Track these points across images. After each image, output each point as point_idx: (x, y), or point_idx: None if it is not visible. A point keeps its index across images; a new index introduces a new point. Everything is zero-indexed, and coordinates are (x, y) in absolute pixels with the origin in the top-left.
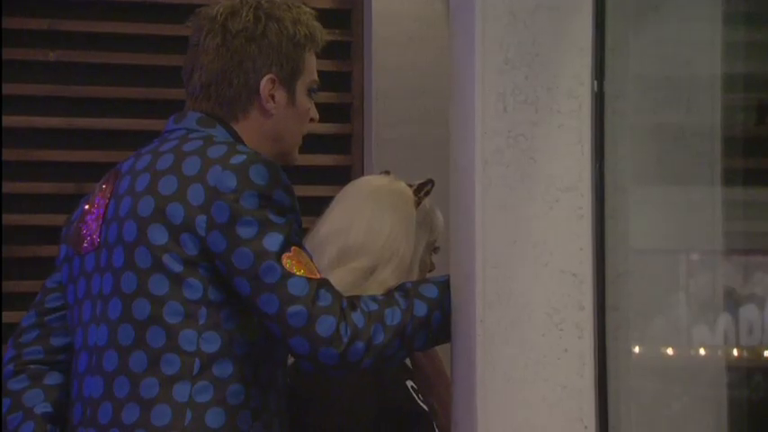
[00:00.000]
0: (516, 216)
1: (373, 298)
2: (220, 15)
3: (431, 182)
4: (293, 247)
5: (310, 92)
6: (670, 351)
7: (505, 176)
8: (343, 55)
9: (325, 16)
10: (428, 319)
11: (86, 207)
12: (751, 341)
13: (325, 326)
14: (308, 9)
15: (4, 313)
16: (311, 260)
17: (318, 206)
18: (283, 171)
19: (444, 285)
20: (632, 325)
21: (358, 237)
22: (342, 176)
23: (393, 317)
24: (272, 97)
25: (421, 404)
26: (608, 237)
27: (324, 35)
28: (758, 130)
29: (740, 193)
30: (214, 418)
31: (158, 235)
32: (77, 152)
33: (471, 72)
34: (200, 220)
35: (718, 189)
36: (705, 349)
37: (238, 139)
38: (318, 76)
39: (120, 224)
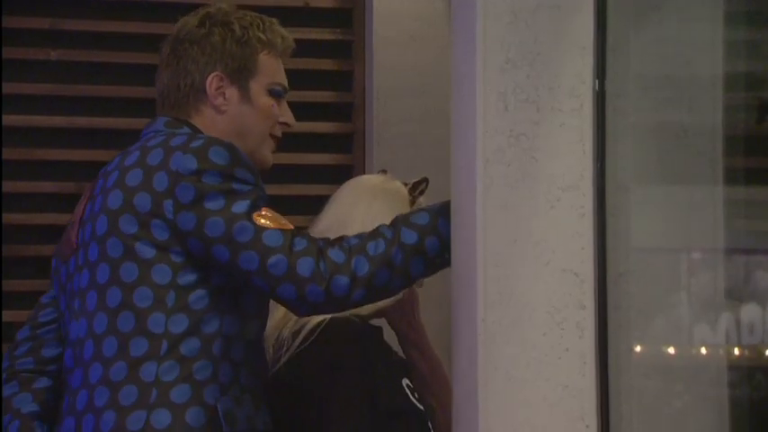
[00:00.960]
0: (517, 215)
1: (356, 235)
2: (176, 29)
3: (425, 180)
4: (263, 208)
5: (273, 93)
6: (671, 350)
7: (507, 175)
8: (345, 54)
9: (326, 15)
10: (420, 245)
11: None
12: (752, 340)
13: (305, 266)
14: (268, 18)
15: (4, 312)
16: (282, 217)
17: (319, 205)
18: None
19: (436, 211)
20: (634, 324)
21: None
22: (343, 175)
23: (377, 247)
24: (223, 95)
25: (416, 403)
26: (609, 236)
27: (289, 42)
28: (759, 130)
29: (741, 192)
30: (179, 393)
31: (128, 225)
32: (79, 151)
33: (472, 71)
34: (167, 204)
35: (720, 188)
36: (706, 348)
37: None
38: (320, 75)
39: (94, 221)
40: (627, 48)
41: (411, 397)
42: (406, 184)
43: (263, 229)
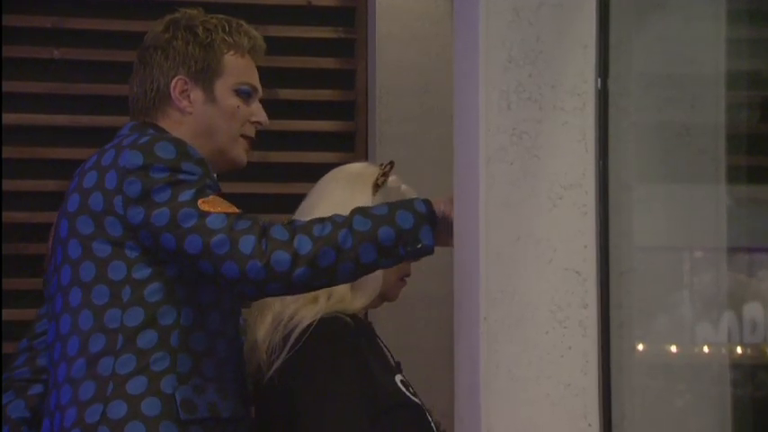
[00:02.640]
0: (520, 213)
1: (309, 220)
2: (145, 37)
3: (390, 163)
4: (210, 195)
5: (240, 93)
6: (674, 349)
7: (509, 174)
8: (347, 52)
9: (328, 14)
10: (373, 234)
11: None
12: (755, 339)
13: (245, 244)
14: (235, 20)
15: (4, 311)
16: (230, 204)
17: None
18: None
19: (398, 205)
20: (636, 322)
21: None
22: None
23: (323, 229)
24: (188, 97)
25: (412, 397)
26: (612, 234)
27: (257, 42)
28: (762, 128)
29: (744, 190)
30: (135, 385)
31: (85, 226)
32: (82, 150)
33: (475, 69)
34: (117, 200)
35: (722, 186)
36: (709, 347)
37: None
38: (322, 73)
39: (58, 226)
40: (629, 46)
41: (406, 392)
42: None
43: (206, 213)
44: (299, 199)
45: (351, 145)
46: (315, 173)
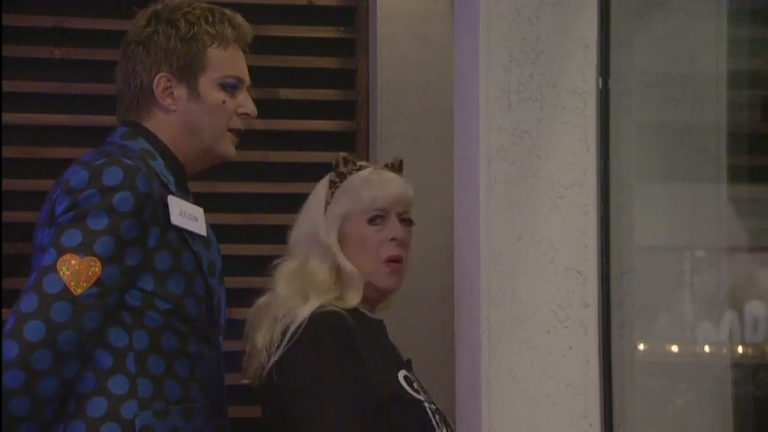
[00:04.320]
0: (521, 213)
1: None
2: (128, 31)
3: (344, 158)
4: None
5: (226, 86)
6: (675, 348)
7: (510, 173)
8: (348, 52)
9: (329, 13)
10: None
11: None
12: (756, 338)
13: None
14: (220, 9)
15: (5, 310)
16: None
17: None
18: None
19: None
20: (637, 322)
21: (293, 232)
22: None
23: None
24: (171, 95)
25: (413, 394)
26: (613, 234)
27: (243, 31)
28: (763, 127)
29: (745, 189)
30: (95, 407)
31: (42, 235)
32: (83, 150)
33: (476, 69)
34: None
35: (724, 186)
36: (710, 346)
37: (158, 145)
38: (323, 73)
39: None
40: (630, 46)
41: (408, 388)
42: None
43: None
44: (299, 199)
45: (352, 145)
46: (315, 173)
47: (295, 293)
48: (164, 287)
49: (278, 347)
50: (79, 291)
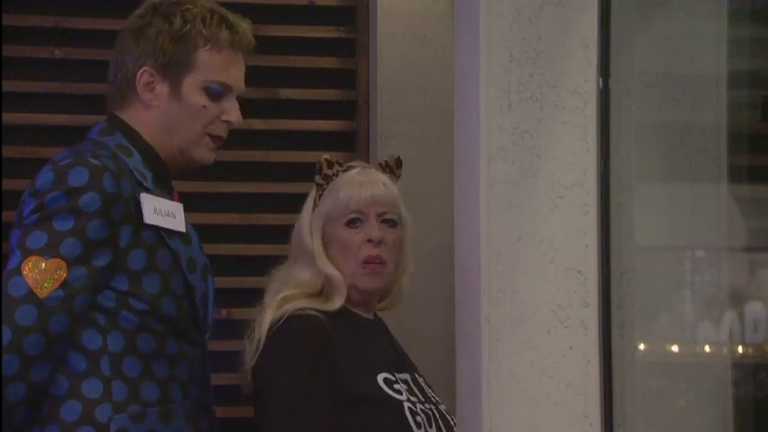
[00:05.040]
0: (521, 213)
1: None
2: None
3: (322, 158)
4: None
5: (210, 91)
6: (675, 348)
7: (510, 173)
8: (348, 52)
9: (330, 13)
10: None
11: None
12: (756, 338)
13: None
14: (223, 12)
15: None
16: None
17: None
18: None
19: None
20: (637, 322)
21: (292, 234)
22: None
23: None
24: (153, 90)
25: (391, 393)
26: (613, 234)
27: (241, 37)
28: (763, 127)
29: (745, 189)
30: (69, 410)
31: (14, 237)
32: None
33: (476, 69)
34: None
35: (724, 186)
36: (710, 346)
37: (136, 140)
38: (323, 73)
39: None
40: (631, 45)
41: (385, 388)
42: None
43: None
44: (299, 199)
45: (352, 145)
46: (315, 173)
47: (277, 296)
48: (138, 287)
49: (258, 345)
50: (44, 293)
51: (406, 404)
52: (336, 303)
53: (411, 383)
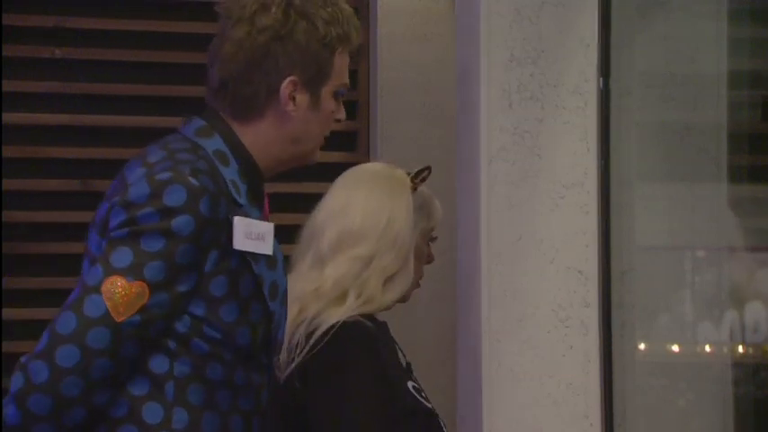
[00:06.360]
0: (521, 213)
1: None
2: (250, 7)
3: (428, 168)
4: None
5: (338, 95)
6: (675, 348)
7: (510, 173)
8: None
9: None
10: None
11: None
12: (756, 338)
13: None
14: (345, 7)
15: (5, 310)
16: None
17: None
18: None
19: None
20: (638, 322)
21: (356, 220)
22: None
23: None
24: (293, 99)
25: (425, 403)
26: (613, 234)
27: (359, 34)
28: (763, 127)
29: (746, 189)
30: None
31: (92, 238)
32: (83, 149)
33: (476, 68)
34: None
35: (724, 186)
36: (711, 346)
37: (236, 148)
38: None
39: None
40: (631, 45)
41: (419, 398)
42: (408, 174)
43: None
44: (300, 198)
45: (353, 144)
46: (317, 172)
47: (339, 285)
48: (215, 314)
49: (300, 352)
50: (122, 318)
51: (436, 413)
52: (384, 304)
53: (422, 390)
